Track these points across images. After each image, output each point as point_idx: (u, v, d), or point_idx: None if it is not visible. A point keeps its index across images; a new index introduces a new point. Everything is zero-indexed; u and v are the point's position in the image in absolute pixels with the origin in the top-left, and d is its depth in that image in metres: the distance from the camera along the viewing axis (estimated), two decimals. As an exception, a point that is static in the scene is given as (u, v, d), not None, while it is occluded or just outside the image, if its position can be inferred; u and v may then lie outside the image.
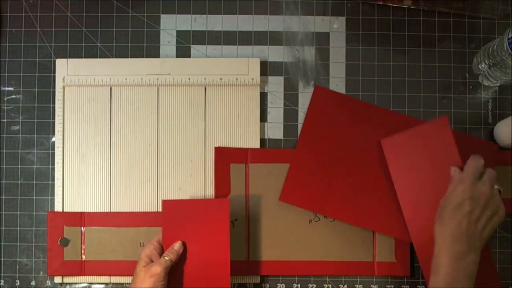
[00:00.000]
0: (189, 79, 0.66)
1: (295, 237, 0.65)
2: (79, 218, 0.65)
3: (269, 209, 0.65)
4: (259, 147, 0.66)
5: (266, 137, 0.68)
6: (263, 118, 0.68)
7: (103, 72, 0.66)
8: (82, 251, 0.65)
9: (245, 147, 0.66)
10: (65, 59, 0.66)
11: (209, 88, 0.67)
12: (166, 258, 0.58)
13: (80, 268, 0.64)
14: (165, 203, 0.60)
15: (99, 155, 0.66)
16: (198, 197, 0.66)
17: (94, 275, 0.65)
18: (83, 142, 0.66)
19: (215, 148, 0.66)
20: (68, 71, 0.66)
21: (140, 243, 0.64)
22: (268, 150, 0.67)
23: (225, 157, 0.66)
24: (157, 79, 0.66)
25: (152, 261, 0.58)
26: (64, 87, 0.66)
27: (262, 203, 0.65)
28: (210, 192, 0.66)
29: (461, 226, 0.55)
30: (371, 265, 0.65)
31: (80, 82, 0.66)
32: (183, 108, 0.67)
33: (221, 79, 0.66)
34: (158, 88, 0.67)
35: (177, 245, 0.59)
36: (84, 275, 0.65)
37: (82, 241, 0.65)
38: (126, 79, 0.66)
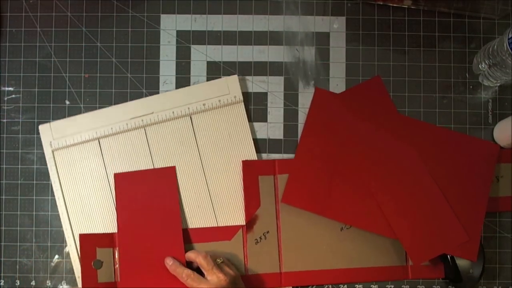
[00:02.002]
0: (173, 112, 0.66)
1: (327, 245, 0.65)
2: (110, 239, 0.64)
3: (300, 219, 0.65)
4: (255, 159, 0.66)
5: (266, 137, 0.68)
6: (263, 118, 0.68)
7: (88, 126, 0.65)
8: (115, 272, 0.64)
9: (241, 161, 0.66)
10: (48, 124, 0.66)
11: (194, 116, 0.66)
12: None
13: None
14: (117, 176, 0.64)
15: (104, 210, 0.65)
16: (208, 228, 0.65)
17: None
18: (86, 201, 0.65)
19: (243, 161, 0.65)
20: (54, 135, 0.65)
21: None
22: (295, 161, 0.66)
23: (253, 170, 0.65)
24: (142, 120, 0.66)
25: None
26: (53, 152, 0.65)
27: (293, 213, 0.65)
28: (221, 219, 0.65)
29: None
30: (405, 269, 0.65)
31: (68, 143, 0.65)
32: (174, 142, 0.66)
33: (204, 104, 0.66)
34: (145, 129, 0.66)
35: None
36: None
37: (114, 261, 0.64)
38: (112, 128, 0.65)
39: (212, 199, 0.66)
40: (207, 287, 0.58)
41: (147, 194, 0.64)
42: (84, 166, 0.66)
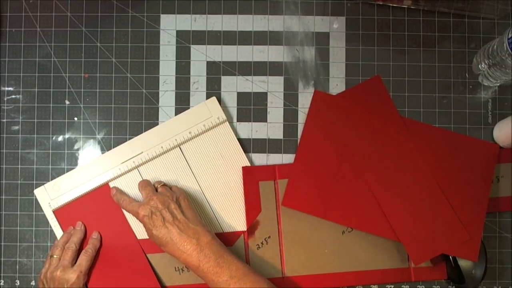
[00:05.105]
0: (162, 147, 0.66)
1: (329, 249, 0.65)
2: None
3: (301, 223, 0.65)
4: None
5: (266, 137, 0.68)
6: (263, 118, 0.68)
7: (83, 179, 0.65)
8: None
9: (240, 177, 0.66)
10: (42, 187, 0.65)
11: (183, 145, 0.66)
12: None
13: None
14: (57, 212, 0.64)
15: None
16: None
17: None
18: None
19: (243, 167, 0.65)
20: (50, 195, 0.65)
21: (175, 267, 0.64)
22: (295, 164, 0.66)
23: (253, 176, 0.65)
24: (133, 162, 0.65)
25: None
26: (54, 212, 0.65)
27: (294, 218, 0.65)
28: (224, 228, 0.66)
29: (161, 233, 0.57)
30: (407, 271, 0.65)
31: (66, 200, 0.65)
32: (169, 175, 0.66)
33: (190, 132, 0.66)
34: (138, 170, 0.66)
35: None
36: None
37: None
38: (105, 176, 0.65)
39: (215, 215, 0.66)
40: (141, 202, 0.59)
41: (92, 217, 0.65)
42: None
